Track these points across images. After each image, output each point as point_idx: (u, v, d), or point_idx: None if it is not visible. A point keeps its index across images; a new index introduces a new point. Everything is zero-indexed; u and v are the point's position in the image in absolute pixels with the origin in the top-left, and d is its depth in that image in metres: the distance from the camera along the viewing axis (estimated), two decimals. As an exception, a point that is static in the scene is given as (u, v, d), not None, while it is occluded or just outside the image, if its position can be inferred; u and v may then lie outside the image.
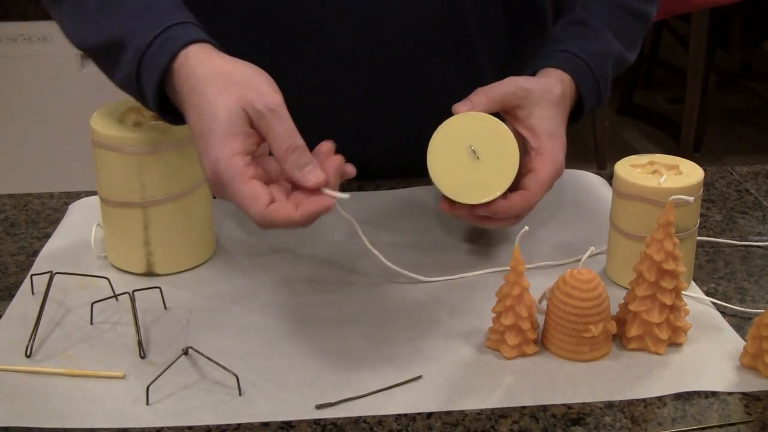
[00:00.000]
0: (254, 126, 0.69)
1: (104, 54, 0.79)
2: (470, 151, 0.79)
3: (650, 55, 3.60)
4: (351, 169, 0.72)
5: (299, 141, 0.69)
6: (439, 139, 0.80)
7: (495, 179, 0.79)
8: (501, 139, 0.80)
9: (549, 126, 0.83)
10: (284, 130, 0.69)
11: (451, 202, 0.82)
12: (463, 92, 0.83)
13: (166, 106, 0.76)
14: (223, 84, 0.70)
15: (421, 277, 0.85)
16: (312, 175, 0.68)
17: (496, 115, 0.83)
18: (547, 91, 0.84)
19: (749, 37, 2.99)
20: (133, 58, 0.75)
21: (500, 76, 0.86)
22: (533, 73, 0.90)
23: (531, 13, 1.06)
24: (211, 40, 0.76)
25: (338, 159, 0.71)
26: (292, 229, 0.68)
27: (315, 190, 0.68)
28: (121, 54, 0.76)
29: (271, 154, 0.71)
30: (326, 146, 0.72)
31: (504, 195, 0.80)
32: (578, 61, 0.89)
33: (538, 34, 1.05)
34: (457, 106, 0.81)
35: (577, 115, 0.91)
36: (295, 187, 0.70)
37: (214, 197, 0.73)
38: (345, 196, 0.69)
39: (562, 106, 0.86)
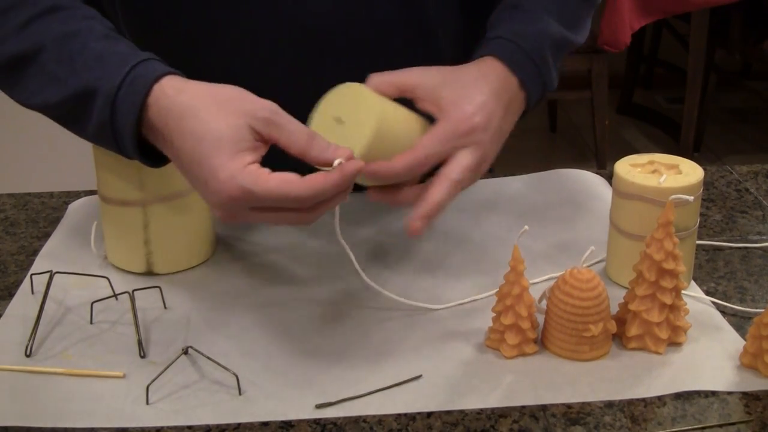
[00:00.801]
0: (262, 137, 0.69)
1: (71, 109, 0.76)
2: (336, 118, 0.76)
3: (650, 54, 3.60)
4: None
5: (311, 129, 0.70)
6: (315, 114, 0.78)
7: (355, 140, 0.75)
8: (362, 101, 0.77)
9: (451, 94, 0.79)
10: (296, 125, 0.69)
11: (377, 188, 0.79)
12: None
13: (144, 149, 0.74)
14: (215, 105, 0.69)
15: (432, 306, 0.82)
16: (340, 151, 0.69)
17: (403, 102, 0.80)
18: (447, 70, 0.82)
19: (749, 36, 2.99)
20: (105, 104, 0.73)
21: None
22: None
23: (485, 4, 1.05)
24: (178, 72, 0.74)
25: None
26: (305, 225, 0.69)
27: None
28: (90, 103, 0.74)
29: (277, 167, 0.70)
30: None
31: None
32: (509, 44, 0.85)
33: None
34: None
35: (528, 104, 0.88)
36: None
37: (227, 222, 0.72)
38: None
39: (478, 83, 0.82)
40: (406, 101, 0.81)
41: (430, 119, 0.80)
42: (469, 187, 0.81)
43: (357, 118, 0.75)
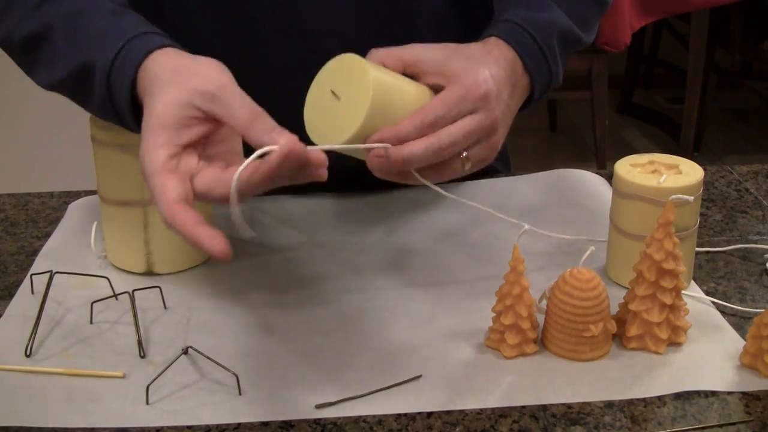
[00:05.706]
0: (205, 114, 0.66)
1: (77, 84, 0.78)
2: (333, 92, 0.73)
3: (650, 54, 3.60)
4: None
5: (259, 108, 0.66)
6: (311, 89, 0.75)
7: (351, 115, 0.72)
8: (358, 73, 0.71)
9: (460, 65, 0.76)
10: (240, 102, 0.66)
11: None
12: None
13: None
14: (169, 80, 0.68)
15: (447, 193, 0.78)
16: (282, 137, 0.63)
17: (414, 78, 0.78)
18: (452, 46, 0.79)
19: (749, 36, 2.99)
20: (102, 79, 0.74)
21: None
22: None
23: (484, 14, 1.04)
24: (175, 44, 0.74)
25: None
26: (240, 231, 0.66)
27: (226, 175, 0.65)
28: (91, 79, 0.76)
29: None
30: None
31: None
32: (516, 28, 0.84)
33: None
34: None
35: (531, 97, 0.86)
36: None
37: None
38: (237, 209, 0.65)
39: (485, 58, 0.79)
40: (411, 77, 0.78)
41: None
42: (480, 162, 0.76)
43: (353, 93, 0.72)
